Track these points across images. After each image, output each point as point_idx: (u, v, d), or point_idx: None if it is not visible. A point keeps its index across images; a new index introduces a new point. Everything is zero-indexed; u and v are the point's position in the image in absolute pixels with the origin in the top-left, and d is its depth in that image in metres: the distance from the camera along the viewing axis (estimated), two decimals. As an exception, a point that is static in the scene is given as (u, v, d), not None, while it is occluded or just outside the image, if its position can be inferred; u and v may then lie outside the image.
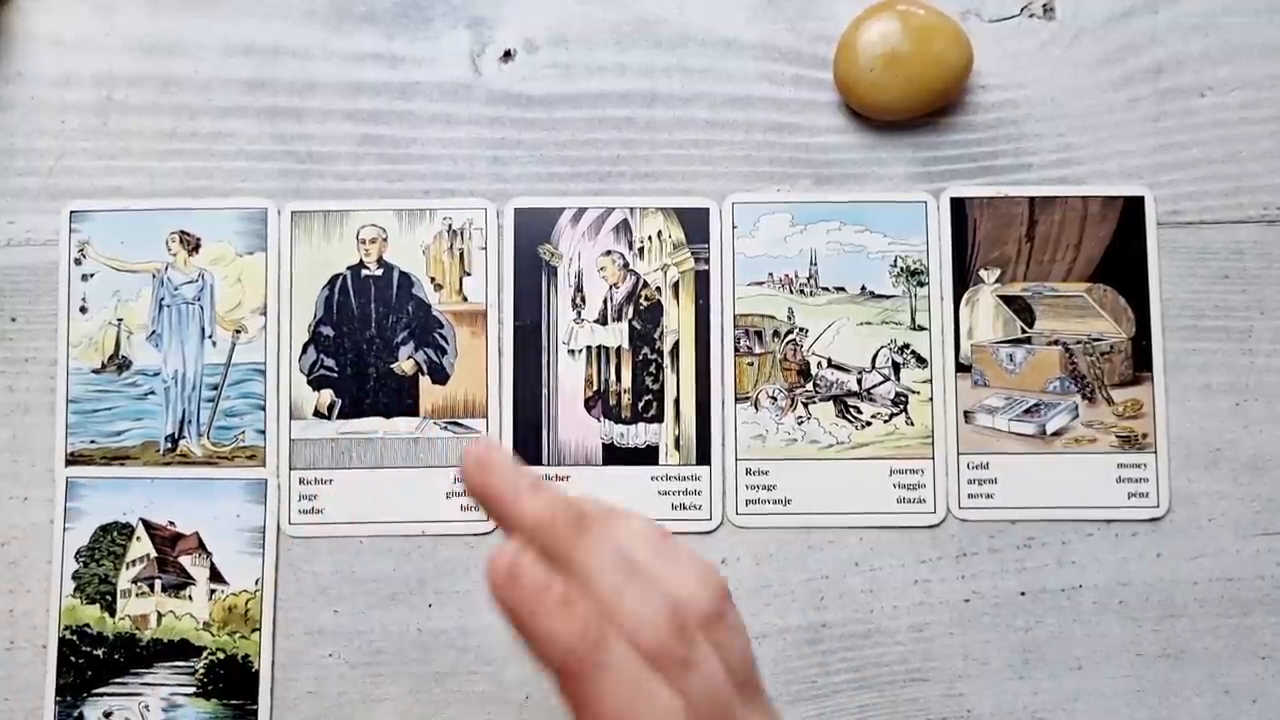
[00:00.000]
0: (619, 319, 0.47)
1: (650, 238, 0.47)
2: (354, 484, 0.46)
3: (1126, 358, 0.46)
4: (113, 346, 0.46)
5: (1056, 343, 0.46)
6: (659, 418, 0.46)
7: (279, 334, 0.46)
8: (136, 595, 0.45)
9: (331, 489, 0.46)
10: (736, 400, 0.46)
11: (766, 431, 0.46)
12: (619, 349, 0.47)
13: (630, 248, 0.47)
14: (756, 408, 0.46)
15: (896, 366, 0.46)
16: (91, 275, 0.46)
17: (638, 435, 0.46)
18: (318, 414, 0.46)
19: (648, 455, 0.46)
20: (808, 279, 0.47)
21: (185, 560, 0.45)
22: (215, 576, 0.45)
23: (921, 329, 0.46)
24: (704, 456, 0.46)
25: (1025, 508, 0.45)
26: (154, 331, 0.46)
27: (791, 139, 0.47)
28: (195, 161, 0.47)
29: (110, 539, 0.45)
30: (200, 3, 0.47)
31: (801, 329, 0.46)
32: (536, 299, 0.47)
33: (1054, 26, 0.47)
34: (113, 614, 0.45)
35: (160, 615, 0.45)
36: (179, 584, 0.45)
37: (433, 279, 0.47)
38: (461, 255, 0.47)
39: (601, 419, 0.46)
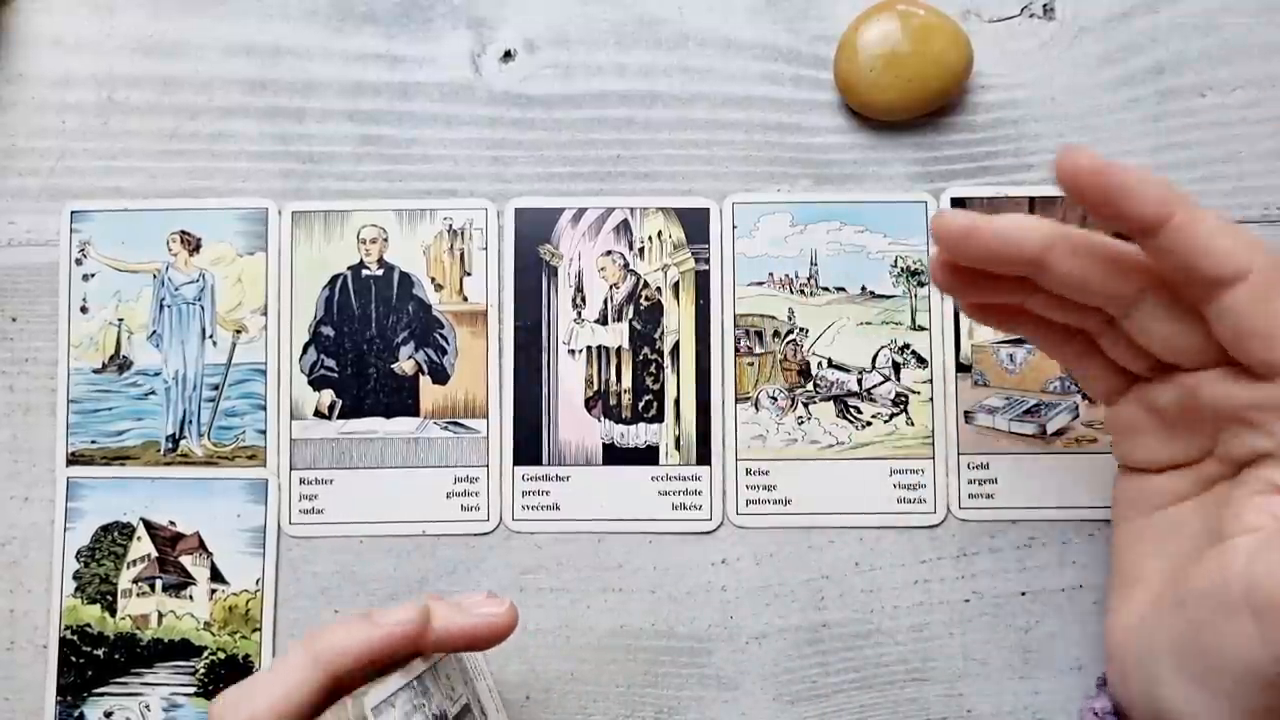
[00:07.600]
0: (619, 319, 0.47)
1: (650, 238, 0.47)
2: (354, 484, 0.46)
3: (1127, 358, 0.46)
4: (113, 346, 0.46)
5: (1057, 343, 0.46)
6: (659, 418, 0.46)
7: (279, 334, 0.46)
8: (137, 595, 0.45)
9: (332, 489, 0.46)
10: (737, 400, 0.46)
11: (767, 431, 0.46)
12: (619, 349, 0.47)
13: (630, 248, 0.47)
14: (757, 408, 0.46)
15: (897, 366, 0.46)
16: (92, 275, 0.46)
17: (638, 435, 0.46)
18: (318, 414, 0.46)
19: (648, 455, 0.46)
20: (808, 279, 0.47)
21: (186, 560, 0.45)
22: (216, 576, 0.45)
23: (922, 329, 0.46)
24: (704, 456, 0.46)
25: (1025, 508, 0.45)
26: (154, 331, 0.46)
27: (791, 139, 0.47)
28: (196, 162, 0.47)
29: (111, 539, 0.45)
30: (200, 3, 0.47)
31: (802, 329, 0.46)
32: (537, 299, 0.47)
33: (1054, 26, 0.47)
34: (113, 614, 0.45)
35: (161, 615, 0.45)
36: (180, 584, 0.45)
37: (433, 279, 0.47)
38: (462, 255, 0.47)
39: (601, 419, 0.46)
